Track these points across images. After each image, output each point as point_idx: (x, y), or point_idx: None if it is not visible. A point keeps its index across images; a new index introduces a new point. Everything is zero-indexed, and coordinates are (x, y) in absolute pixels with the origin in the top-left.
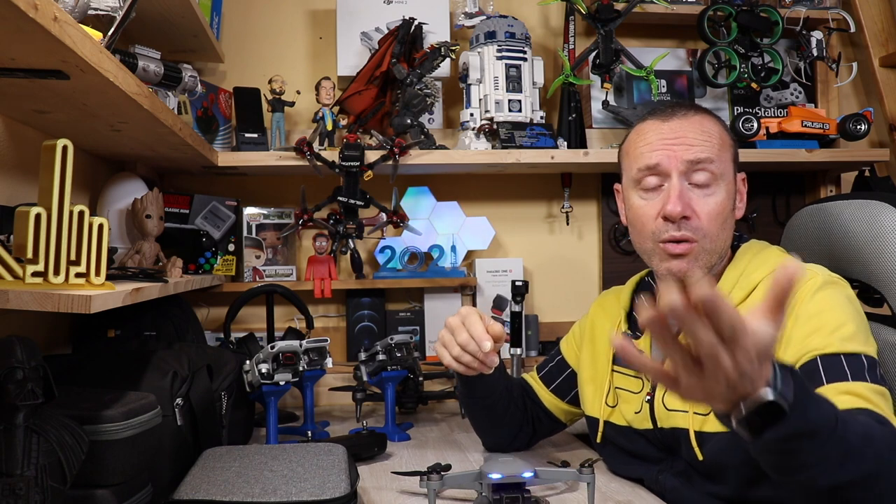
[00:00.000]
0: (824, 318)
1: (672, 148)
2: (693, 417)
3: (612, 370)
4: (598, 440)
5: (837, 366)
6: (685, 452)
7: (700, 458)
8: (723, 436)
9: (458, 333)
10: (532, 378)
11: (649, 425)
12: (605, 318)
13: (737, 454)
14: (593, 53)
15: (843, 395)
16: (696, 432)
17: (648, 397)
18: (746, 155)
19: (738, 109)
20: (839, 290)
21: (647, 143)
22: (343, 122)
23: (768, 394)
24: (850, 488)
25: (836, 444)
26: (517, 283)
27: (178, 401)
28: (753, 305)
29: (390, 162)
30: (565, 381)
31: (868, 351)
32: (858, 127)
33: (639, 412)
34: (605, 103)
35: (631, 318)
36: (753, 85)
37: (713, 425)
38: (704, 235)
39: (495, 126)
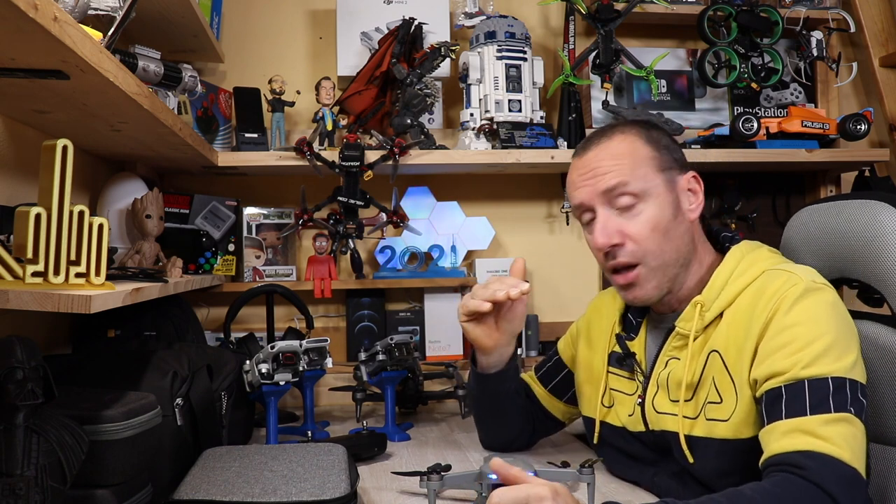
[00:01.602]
0: (797, 332)
1: (587, 183)
2: (682, 421)
3: (608, 371)
4: (595, 441)
5: (800, 396)
6: (677, 455)
7: (691, 461)
8: (712, 442)
9: (492, 283)
10: (530, 378)
11: (642, 428)
12: (601, 318)
13: (728, 461)
14: (593, 53)
15: (792, 433)
16: (685, 436)
17: (640, 400)
18: (746, 155)
19: (738, 109)
20: (821, 298)
21: (571, 183)
22: (343, 122)
23: None
24: None
25: None
26: None
27: (178, 401)
28: (736, 314)
29: (390, 162)
30: (563, 382)
31: (836, 370)
32: (858, 127)
33: (632, 415)
34: (605, 103)
35: (626, 320)
36: (753, 85)
37: (701, 429)
38: (645, 254)
39: (495, 126)
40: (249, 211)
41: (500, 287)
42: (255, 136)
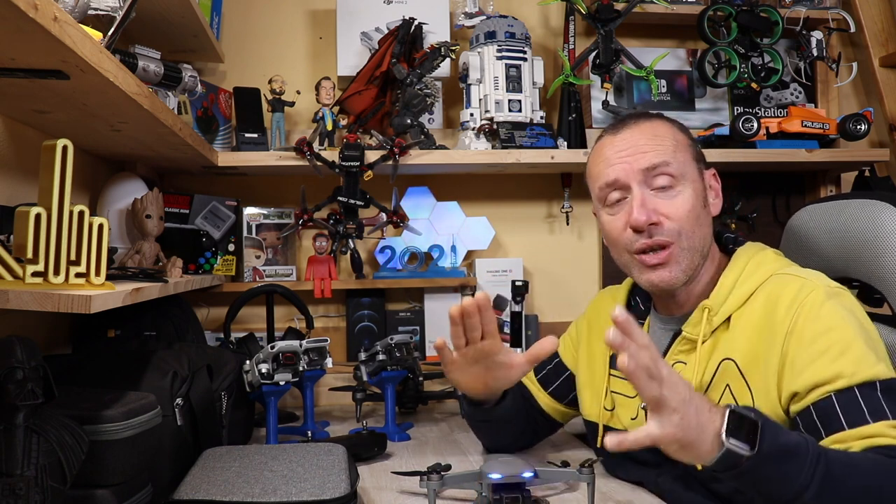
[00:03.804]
0: (831, 338)
1: (626, 160)
2: None
3: (609, 374)
4: (599, 444)
5: (854, 404)
6: None
7: (699, 467)
8: None
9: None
10: (530, 381)
11: None
12: (601, 320)
13: None
14: (593, 53)
15: (865, 438)
16: None
17: (644, 403)
18: (746, 155)
19: (738, 109)
20: (843, 302)
21: (603, 160)
22: (343, 122)
23: (724, 436)
24: None
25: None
26: (517, 283)
27: (178, 401)
28: (750, 315)
29: (390, 162)
30: (564, 384)
31: (880, 371)
32: (858, 127)
33: (635, 418)
34: (605, 103)
35: None
36: (753, 85)
37: None
38: (680, 234)
39: (495, 126)
40: (249, 211)
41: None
42: (255, 136)
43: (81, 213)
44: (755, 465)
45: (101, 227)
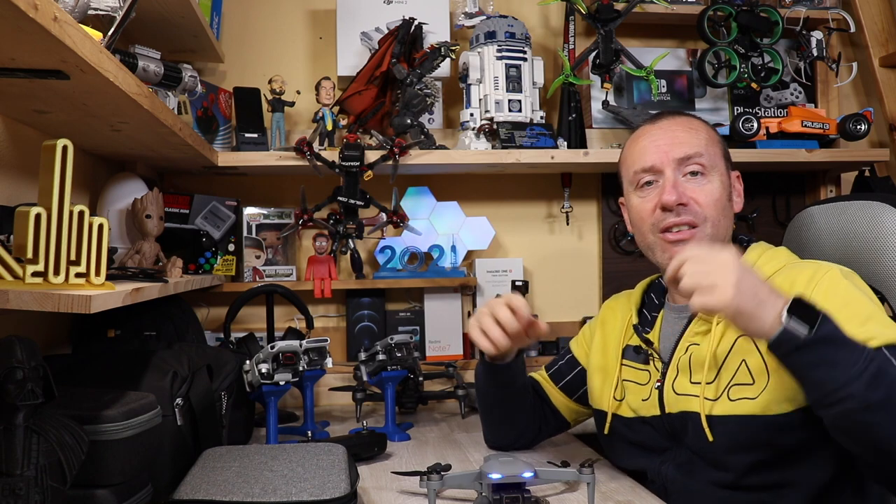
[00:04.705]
0: (854, 309)
1: (663, 148)
2: (703, 402)
3: (622, 364)
4: (606, 432)
5: (886, 361)
6: (692, 437)
7: (710, 439)
8: (733, 419)
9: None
10: (541, 376)
11: (657, 412)
12: (616, 315)
13: (748, 437)
14: (593, 53)
15: None
16: (706, 416)
17: (658, 384)
18: (746, 155)
19: (738, 109)
20: (855, 283)
21: (640, 148)
22: (343, 122)
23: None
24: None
25: (866, 360)
26: (517, 283)
27: (178, 401)
28: None
29: (390, 162)
30: (575, 379)
31: None
32: (858, 127)
33: (647, 399)
34: (605, 103)
35: (641, 314)
36: (753, 85)
37: (722, 409)
38: (706, 219)
39: (495, 126)
40: (249, 211)
41: (493, 327)
42: (255, 136)
43: (81, 213)
44: (811, 344)
45: (101, 227)
